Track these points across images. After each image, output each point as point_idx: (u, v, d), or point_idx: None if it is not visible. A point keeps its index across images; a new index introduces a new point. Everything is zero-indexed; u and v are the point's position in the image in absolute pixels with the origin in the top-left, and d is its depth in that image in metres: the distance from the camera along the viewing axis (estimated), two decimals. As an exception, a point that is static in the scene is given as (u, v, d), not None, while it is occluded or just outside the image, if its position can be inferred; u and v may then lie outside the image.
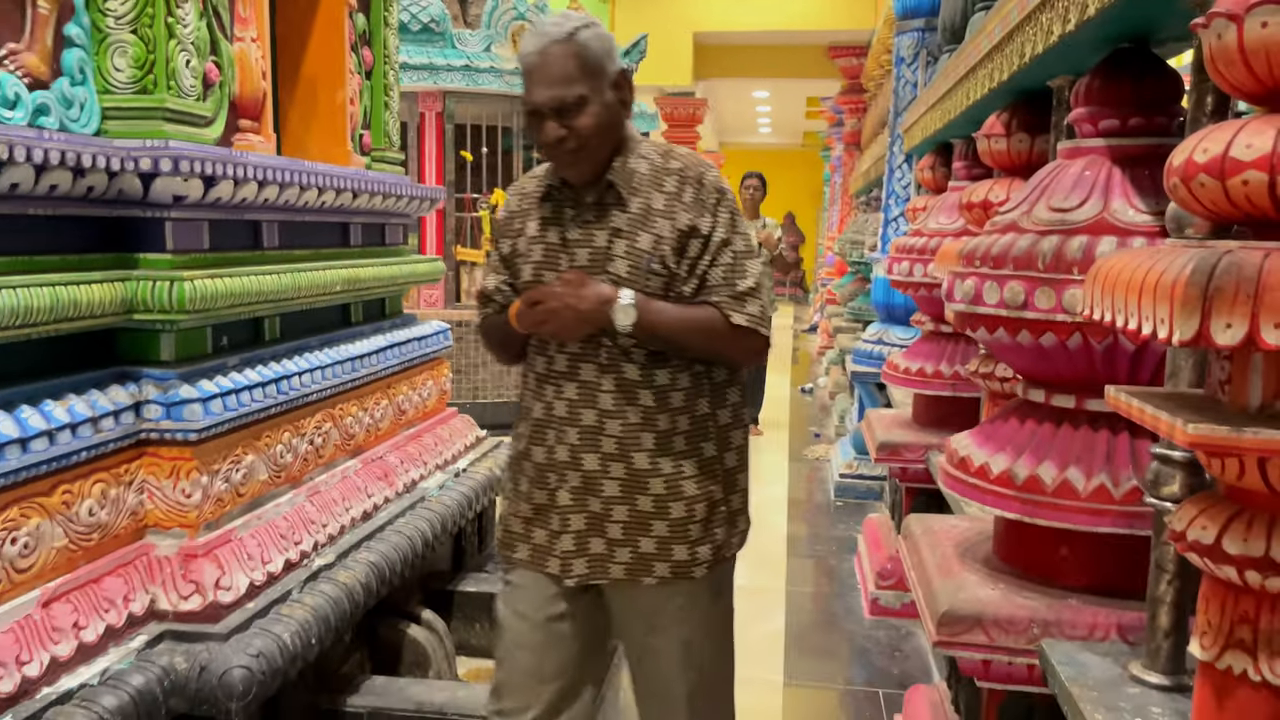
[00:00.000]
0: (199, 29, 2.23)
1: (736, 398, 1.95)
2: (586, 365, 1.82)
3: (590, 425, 1.82)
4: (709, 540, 1.87)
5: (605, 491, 1.82)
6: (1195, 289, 1.13)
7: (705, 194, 1.82)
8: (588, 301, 1.72)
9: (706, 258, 1.80)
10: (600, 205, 1.81)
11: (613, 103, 1.76)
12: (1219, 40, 1.22)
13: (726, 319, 1.80)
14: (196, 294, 2.05)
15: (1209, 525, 1.27)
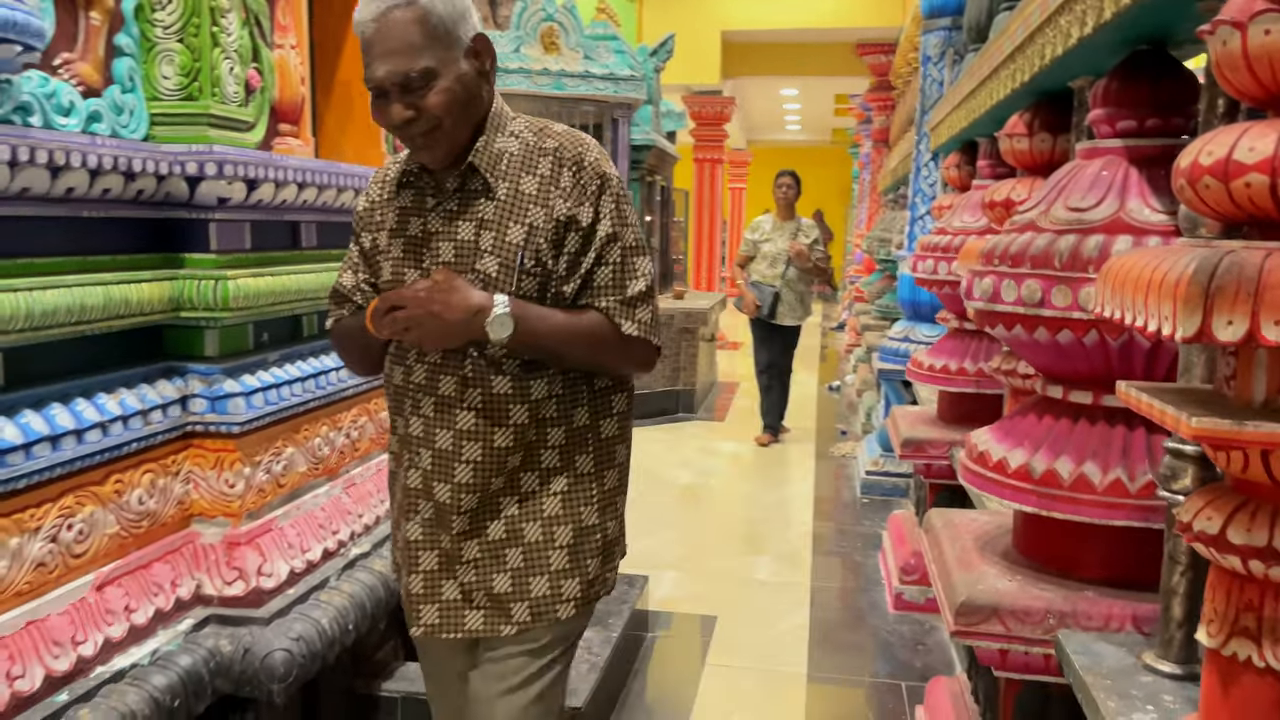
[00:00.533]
0: (241, 37, 2.31)
1: (623, 405, 1.72)
2: (447, 379, 1.59)
3: (445, 449, 1.59)
4: (578, 572, 1.62)
5: (456, 527, 1.60)
6: (1198, 287, 1.17)
7: (585, 179, 1.57)
8: (456, 310, 1.48)
9: (590, 255, 1.57)
10: (464, 193, 1.59)
11: (468, 74, 1.52)
12: (1224, 47, 1.26)
13: (616, 328, 1.58)
14: (239, 292, 2.14)
15: (1214, 516, 1.32)
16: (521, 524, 1.60)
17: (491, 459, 1.58)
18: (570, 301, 1.58)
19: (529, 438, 1.59)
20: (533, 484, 1.61)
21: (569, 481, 1.62)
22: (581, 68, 6.61)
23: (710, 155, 12.46)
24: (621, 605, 2.95)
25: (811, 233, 6.67)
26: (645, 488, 5.43)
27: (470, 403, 1.58)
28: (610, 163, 1.62)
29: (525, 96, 6.48)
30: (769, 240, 6.60)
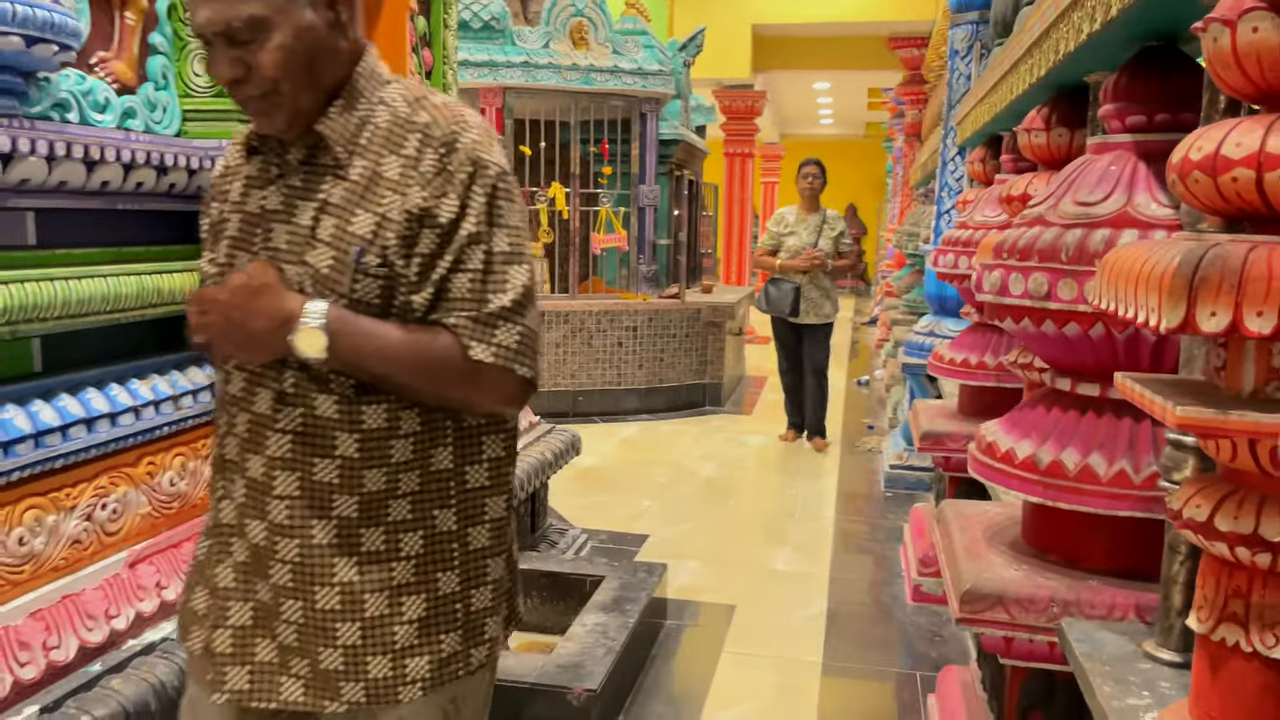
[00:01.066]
0: (270, 35, 2.39)
1: (499, 449, 1.39)
2: (263, 393, 1.30)
3: (257, 479, 1.30)
4: (428, 649, 1.33)
5: (275, 576, 1.30)
6: (1182, 279, 1.20)
7: (454, 164, 1.26)
8: (260, 318, 1.22)
9: (446, 258, 1.26)
10: (311, 168, 1.30)
11: (316, 26, 1.25)
12: (1215, 44, 1.29)
13: (463, 350, 1.26)
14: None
15: (1203, 504, 1.34)
16: (362, 594, 1.29)
17: (311, 497, 1.28)
18: (422, 316, 1.28)
19: (366, 482, 1.29)
20: (377, 542, 1.30)
21: (424, 541, 1.32)
22: (610, 63, 6.66)
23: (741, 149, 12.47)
24: (639, 593, 3.01)
25: (837, 225, 6.25)
26: (670, 480, 5.49)
27: (287, 424, 1.29)
28: (496, 149, 1.32)
29: (555, 91, 6.56)
30: (792, 234, 6.20)
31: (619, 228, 6.98)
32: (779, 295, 6.07)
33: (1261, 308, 1.16)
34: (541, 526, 3.76)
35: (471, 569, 1.37)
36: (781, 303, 6.07)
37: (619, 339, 6.92)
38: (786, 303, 6.05)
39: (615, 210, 7.00)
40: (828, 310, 6.22)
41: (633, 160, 7.07)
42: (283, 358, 1.26)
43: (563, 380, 6.81)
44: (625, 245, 7.08)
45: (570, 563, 3.26)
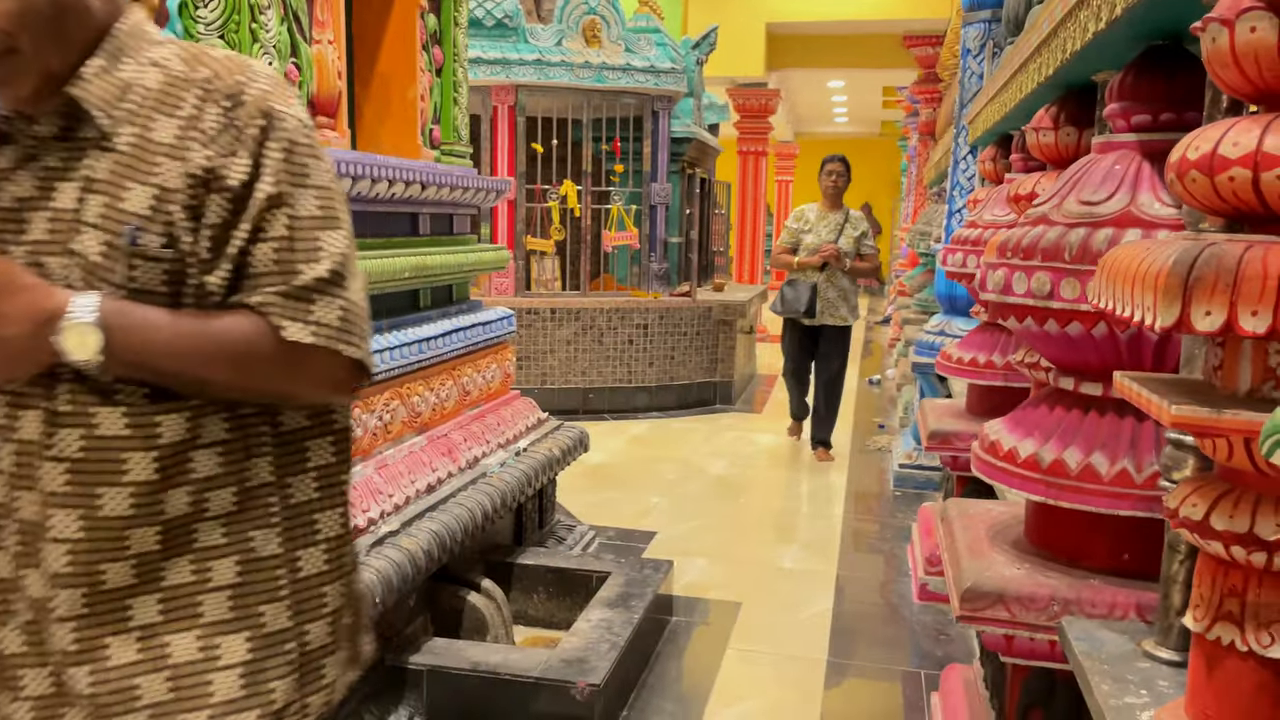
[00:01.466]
0: (280, 33, 2.41)
1: (328, 455, 1.22)
2: (29, 416, 1.08)
3: (30, 520, 1.08)
4: (257, 701, 1.13)
5: (59, 637, 1.09)
6: (1177, 278, 1.21)
7: (242, 118, 1.08)
8: (14, 322, 1.01)
9: (243, 227, 1.08)
10: (70, 143, 1.09)
11: None
12: (1213, 44, 1.29)
13: (275, 332, 1.08)
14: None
15: (1199, 502, 1.35)
16: (165, 637, 1.09)
17: (99, 539, 1.07)
18: (221, 299, 1.10)
19: (166, 506, 1.09)
20: (183, 573, 1.10)
21: (242, 569, 1.12)
22: (623, 60, 6.67)
23: (754, 148, 12.46)
24: (645, 589, 3.02)
25: (860, 225, 5.97)
26: (679, 476, 5.50)
27: (62, 450, 1.07)
28: (292, 101, 1.14)
29: (567, 89, 6.57)
30: (811, 232, 5.92)
31: (630, 225, 7.00)
32: (794, 295, 5.80)
33: (1256, 307, 1.16)
34: (549, 523, 3.78)
35: (304, 600, 1.17)
36: (796, 302, 5.78)
37: (630, 336, 6.93)
38: (802, 303, 5.76)
39: (627, 208, 7.01)
40: (844, 313, 5.92)
41: (645, 158, 7.08)
42: (51, 368, 1.05)
43: (573, 377, 6.83)
44: (636, 243, 7.09)
45: (577, 559, 3.28)
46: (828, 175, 5.97)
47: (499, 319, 3.57)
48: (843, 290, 5.89)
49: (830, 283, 5.85)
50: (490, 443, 3.28)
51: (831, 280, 5.85)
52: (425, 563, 2.50)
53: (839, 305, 5.88)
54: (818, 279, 5.82)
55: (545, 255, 6.96)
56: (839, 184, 5.97)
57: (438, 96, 3.35)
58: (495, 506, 2.95)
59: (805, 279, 5.82)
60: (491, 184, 3.49)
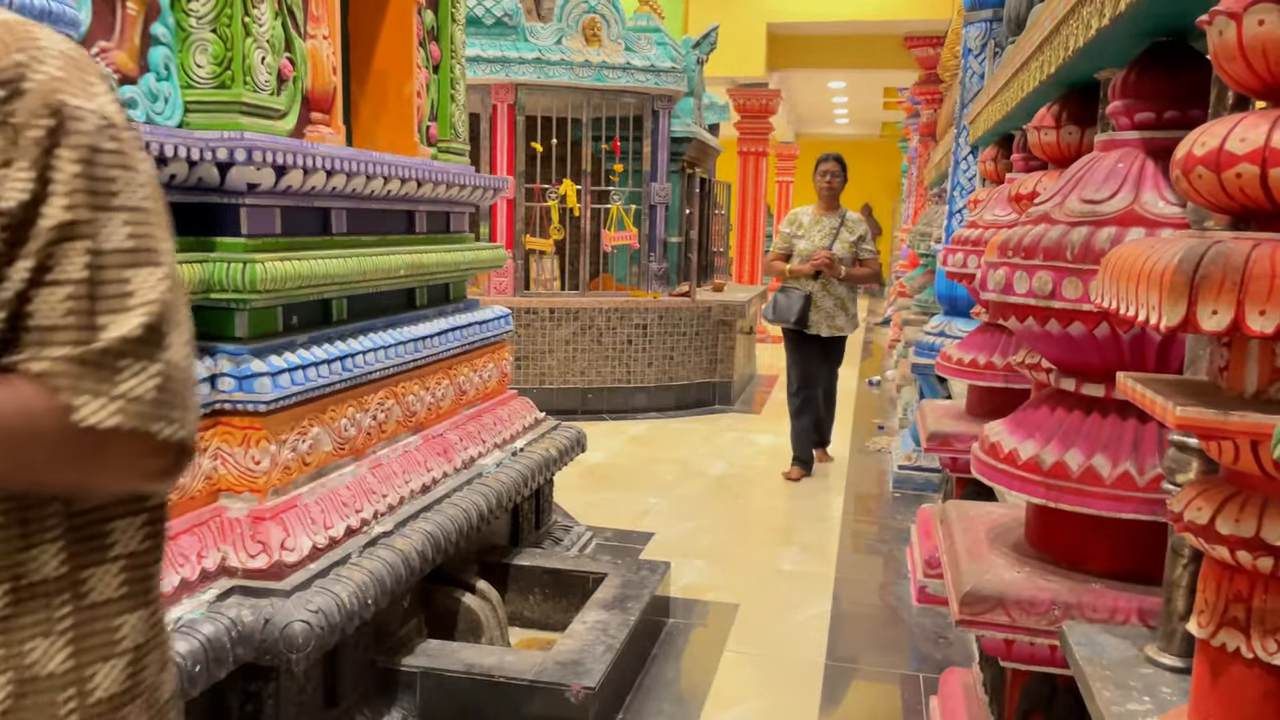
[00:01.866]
0: (274, 28, 2.38)
1: (137, 540, 0.94)
2: None
3: None
4: None
5: None
6: (1183, 276, 1.18)
7: (21, 114, 0.80)
8: None
9: (22, 265, 0.80)
10: None
11: None
12: (1220, 37, 1.27)
13: (64, 411, 0.80)
14: (267, 275, 2.20)
15: (1204, 506, 1.32)
16: None
17: None
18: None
19: None
20: None
21: (15, 686, 0.85)
22: (623, 59, 6.65)
23: (755, 148, 12.43)
24: (641, 590, 2.99)
25: (857, 229, 5.57)
26: (677, 477, 5.47)
27: None
28: (95, 90, 0.86)
29: (567, 88, 6.55)
30: (805, 236, 5.54)
31: (630, 225, 6.97)
32: (786, 303, 5.43)
33: (1264, 306, 1.13)
34: (546, 523, 3.75)
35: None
36: (788, 311, 5.41)
37: (629, 336, 6.91)
38: (794, 311, 5.39)
39: (626, 208, 6.98)
40: (841, 322, 5.54)
41: (644, 158, 7.05)
42: None
43: (572, 377, 6.80)
44: (636, 243, 7.06)
45: (573, 560, 3.25)
46: (822, 175, 5.62)
47: (496, 318, 3.55)
48: (839, 299, 5.51)
49: (826, 291, 5.47)
50: (486, 442, 3.25)
51: (827, 288, 5.48)
52: (419, 564, 2.48)
53: (835, 315, 5.51)
54: (812, 287, 5.47)
55: (544, 255, 6.94)
56: (834, 184, 5.58)
57: (435, 93, 3.33)
58: (491, 507, 2.93)
59: (800, 287, 5.48)
60: (489, 182, 3.46)
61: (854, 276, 5.54)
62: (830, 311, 5.48)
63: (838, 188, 5.61)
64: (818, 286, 5.46)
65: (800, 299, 5.40)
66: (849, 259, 5.50)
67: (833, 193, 5.60)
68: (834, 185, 5.58)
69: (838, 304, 5.50)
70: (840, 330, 5.54)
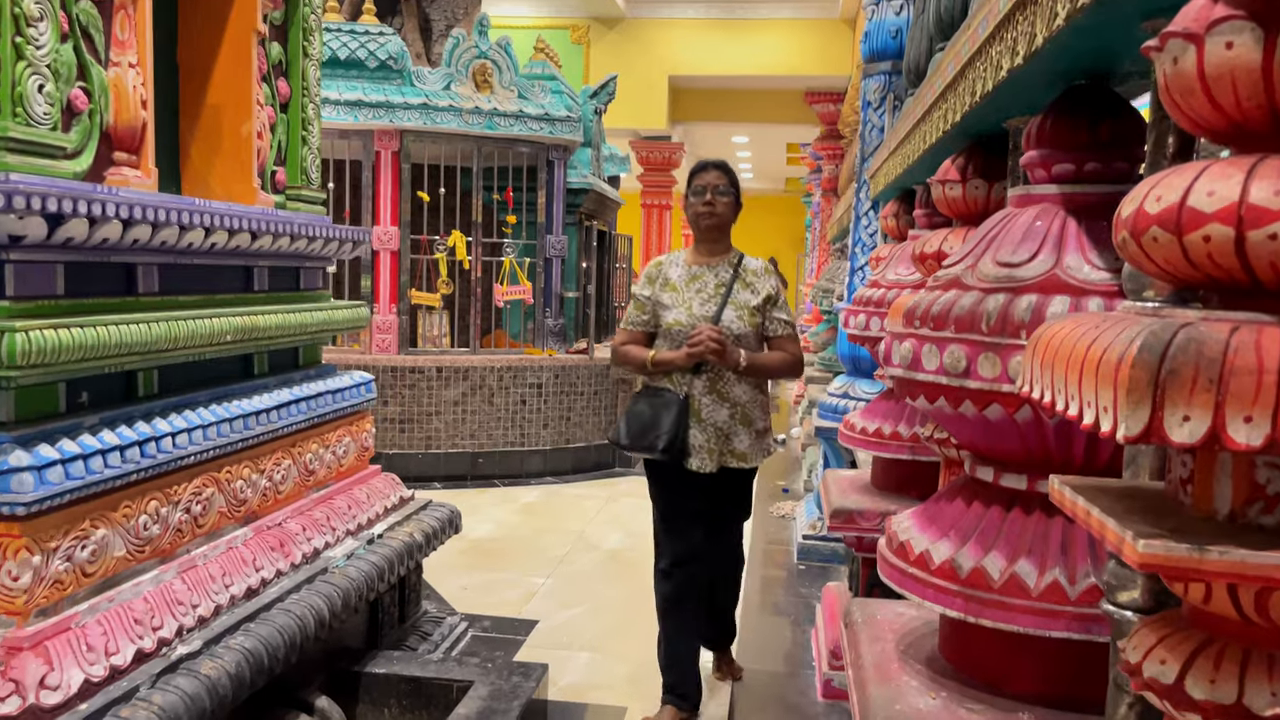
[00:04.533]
0: (59, 51, 2.00)
1: None
2: None
3: None
4: None
5: None
6: (1144, 370, 0.90)
7: None
8: None
9: None
10: None
11: None
12: (1174, 66, 1.00)
13: None
14: (31, 346, 1.80)
15: (1169, 659, 1.04)
16: None
17: None
18: None
19: None
20: None
21: None
22: (515, 107, 6.36)
23: (658, 200, 12.29)
24: (511, 703, 2.61)
25: (763, 285, 3.31)
26: (569, 551, 5.09)
27: None
28: None
29: (456, 135, 6.22)
30: (676, 302, 3.20)
31: (524, 279, 6.64)
32: (649, 417, 3.09)
33: (1250, 411, 0.86)
34: (413, 616, 3.34)
35: None
36: (652, 431, 3.06)
37: (522, 396, 6.54)
38: (662, 430, 3.05)
39: (520, 261, 6.65)
40: (746, 445, 3.19)
41: (539, 209, 6.75)
42: None
43: (461, 440, 6.38)
44: (530, 298, 6.72)
45: (436, 665, 2.85)
46: (697, 195, 3.27)
47: (354, 385, 3.16)
48: (740, 407, 3.17)
49: (715, 394, 3.13)
50: (338, 530, 2.85)
51: (718, 389, 3.14)
52: (233, 689, 2.06)
53: (735, 433, 3.16)
54: (692, 388, 3.11)
55: (432, 310, 6.55)
56: (716, 208, 3.25)
57: (283, 134, 2.96)
58: (335, 609, 2.53)
59: (672, 388, 3.12)
60: (346, 234, 3.10)
61: (762, 367, 3.20)
62: (725, 429, 3.14)
63: (725, 214, 3.29)
64: (701, 386, 3.12)
65: (673, 407, 3.07)
66: (751, 336, 3.19)
67: (717, 224, 3.26)
68: (716, 209, 3.24)
69: (738, 415, 3.15)
70: (745, 459, 3.19)
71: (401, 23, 6.88)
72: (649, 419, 3.08)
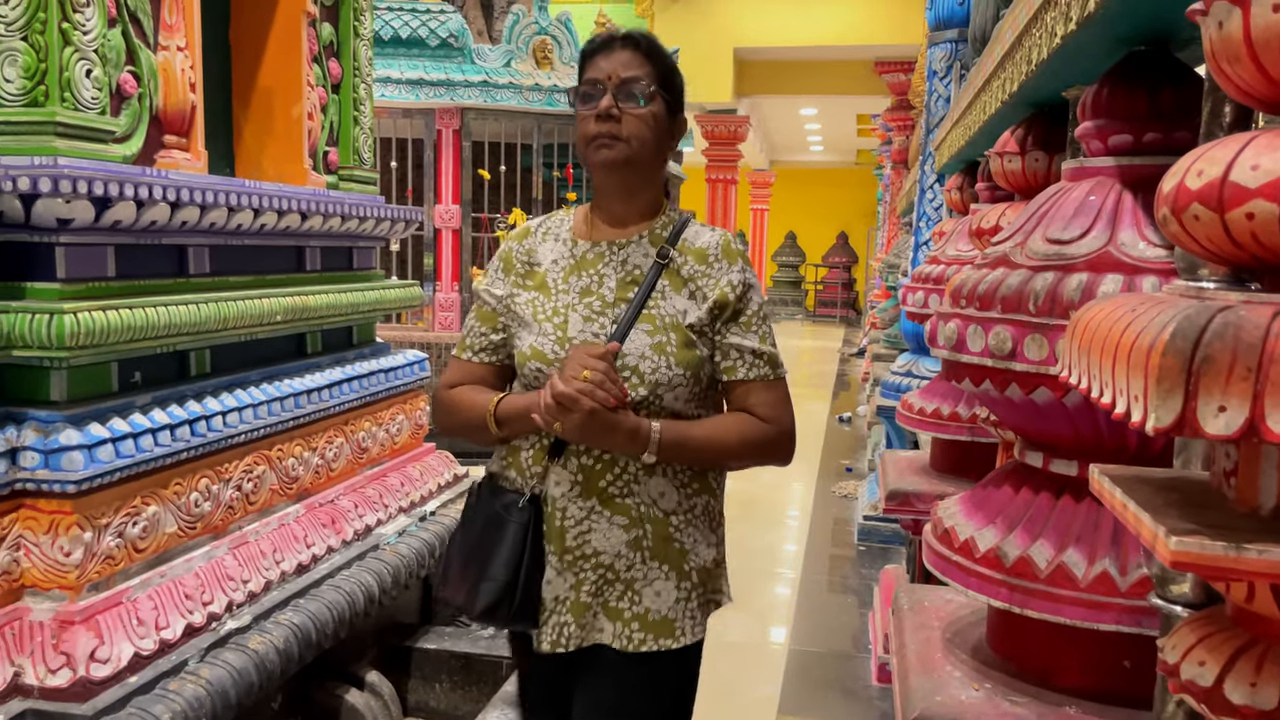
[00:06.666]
0: (108, 36, 2.03)
1: None
2: None
3: None
4: None
5: None
6: (1177, 357, 0.84)
7: None
8: None
9: None
10: None
11: None
12: (1219, 31, 0.94)
13: None
14: (81, 328, 1.84)
15: (1208, 660, 0.98)
16: None
17: None
18: None
19: None
20: None
21: None
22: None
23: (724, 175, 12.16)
24: (558, 679, 2.62)
25: (714, 282, 1.60)
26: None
27: None
28: None
29: (516, 112, 6.22)
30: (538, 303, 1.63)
31: (585, 256, 6.61)
32: (474, 542, 1.61)
33: (1292, 401, 0.79)
34: (466, 591, 3.37)
35: None
36: (467, 575, 1.60)
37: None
38: (486, 577, 1.56)
39: (581, 238, 6.62)
40: (659, 602, 1.63)
41: (600, 186, 6.71)
42: None
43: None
44: (591, 275, 6.70)
45: (487, 642, 2.87)
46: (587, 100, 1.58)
47: (408, 364, 3.19)
48: (650, 524, 1.60)
49: (599, 496, 1.58)
50: (390, 507, 2.88)
51: (601, 488, 1.57)
52: (281, 663, 2.11)
53: (643, 578, 1.61)
54: (548, 483, 1.59)
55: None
56: (625, 131, 1.54)
57: (335, 115, 2.98)
58: (386, 585, 2.56)
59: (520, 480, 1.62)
60: (399, 213, 3.12)
61: (698, 448, 1.61)
62: (614, 570, 1.60)
63: (640, 140, 1.56)
64: (565, 485, 1.58)
65: (506, 534, 1.58)
66: (684, 384, 1.58)
67: (624, 159, 1.56)
68: (623, 132, 1.55)
69: (645, 541, 1.60)
70: (661, 633, 1.66)
71: (463, 1, 6.89)
72: (471, 547, 1.61)
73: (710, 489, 1.74)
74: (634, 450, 1.54)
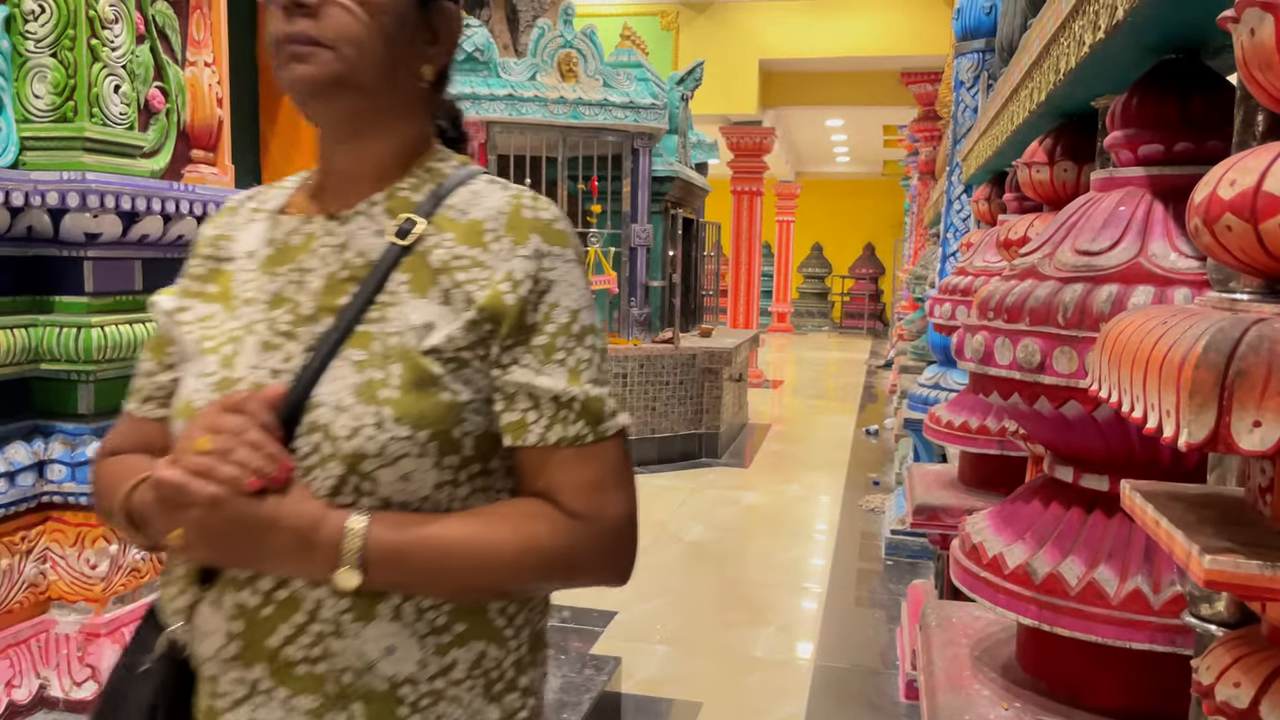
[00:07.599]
0: (136, 52, 2.06)
1: None
2: None
3: None
4: None
5: None
6: (1210, 370, 0.82)
7: None
8: None
9: None
10: None
11: None
12: (1251, 38, 0.92)
13: None
14: (108, 341, 1.86)
15: (1243, 682, 0.95)
16: None
17: None
18: None
19: None
20: None
21: None
22: (600, 96, 6.35)
23: (749, 187, 12.13)
24: (583, 696, 2.60)
25: (499, 264, 0.94)
26: (650, 543, 5.07)
27: None
28: None
29: (541, 125, 6.24)
30: (207, 319, 1.01)
31: (609, 269, 6.63)
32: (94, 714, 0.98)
33: (1330, 417, 0.77)
34: (490, 604, 3.36)
35: None
36: None
37: (609, 386, 6.53)
38: None
39: (605, 250, 6.65)
40: None
41: (624, 198, 6.73)
42: None
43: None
44: (615, 287, 6.72)
45: None
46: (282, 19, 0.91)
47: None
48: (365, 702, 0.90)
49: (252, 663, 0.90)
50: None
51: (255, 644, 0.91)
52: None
53: None
54: (205, 634, 0.93)
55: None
56: (329, 33, 0.92)
57: (360, 130, 3.00)
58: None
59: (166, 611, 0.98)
60: (423, 227, 3.12)
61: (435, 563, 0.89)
62: None
63: (355, 44, 0.93)
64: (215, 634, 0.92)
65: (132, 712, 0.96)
66: (412, 453, 0.90)
67: (331, 78, 0.94)
68: (326, 35, 0.92)
69: None
70: None
71: (489, 14, 6.93)
72: None
73: (488, 628, 0.98)
74: (312, 569, 0.88)
